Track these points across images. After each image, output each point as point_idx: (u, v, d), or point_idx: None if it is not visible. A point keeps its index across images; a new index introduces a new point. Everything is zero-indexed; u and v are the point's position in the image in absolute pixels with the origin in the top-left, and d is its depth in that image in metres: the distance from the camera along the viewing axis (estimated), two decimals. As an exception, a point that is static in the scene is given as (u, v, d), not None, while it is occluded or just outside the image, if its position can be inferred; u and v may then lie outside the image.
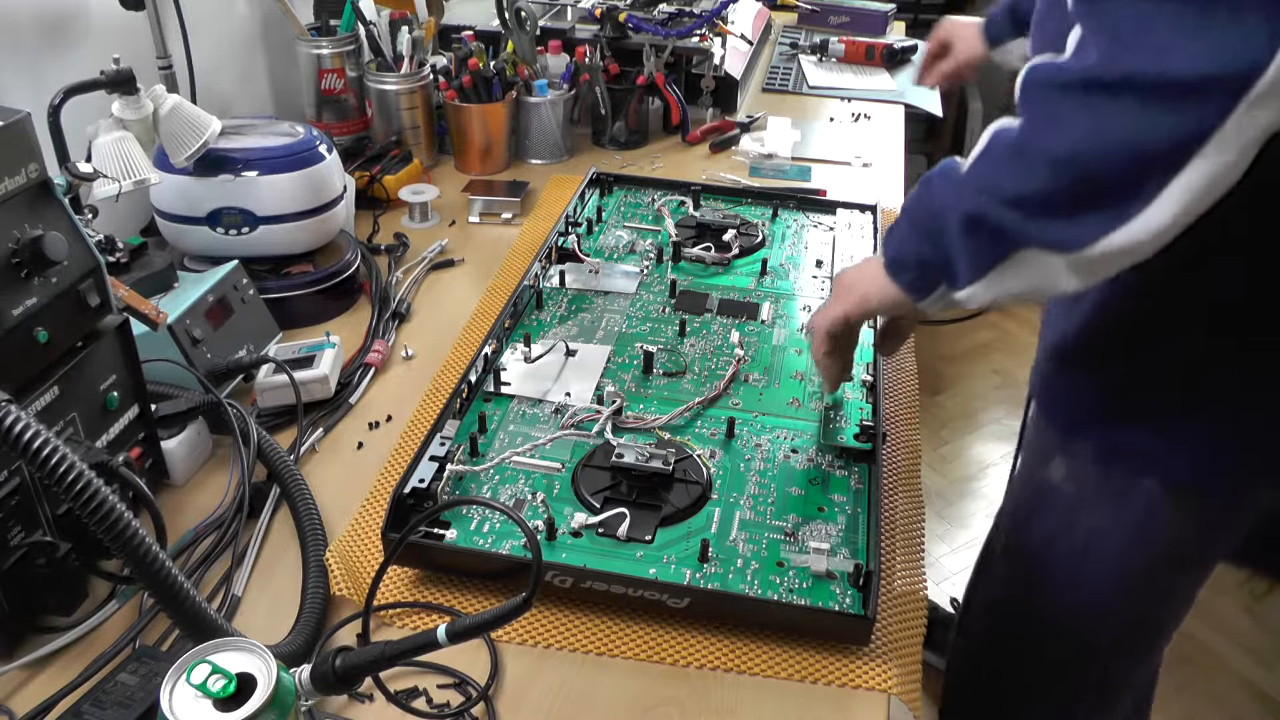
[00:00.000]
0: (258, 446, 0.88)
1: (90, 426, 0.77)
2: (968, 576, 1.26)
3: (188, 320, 0.94)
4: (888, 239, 0.81)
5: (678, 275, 1.18)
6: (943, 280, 0.75)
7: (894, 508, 0.89)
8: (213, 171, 1.07)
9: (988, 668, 1.17)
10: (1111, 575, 0.97)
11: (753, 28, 1.93)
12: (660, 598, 0.75)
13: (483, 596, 0.78)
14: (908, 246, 0.78)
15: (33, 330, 0.70)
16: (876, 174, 1.56)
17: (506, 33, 1.55)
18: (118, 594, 0.76)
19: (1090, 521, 0.96)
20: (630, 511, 0.80)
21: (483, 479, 0.86)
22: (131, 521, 0.56)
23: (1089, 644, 1.05)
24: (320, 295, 1.14)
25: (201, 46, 1.32)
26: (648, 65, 1.60)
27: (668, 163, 1.58)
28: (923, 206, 0.76)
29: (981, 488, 2.34)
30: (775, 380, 1.01)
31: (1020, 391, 2.58)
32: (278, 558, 0.83)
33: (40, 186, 0.72)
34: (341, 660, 0.59)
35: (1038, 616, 1.04)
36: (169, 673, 0.52)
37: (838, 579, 0.77)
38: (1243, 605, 1.99)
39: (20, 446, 0.53)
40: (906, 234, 0.78)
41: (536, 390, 0.97)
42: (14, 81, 1.08)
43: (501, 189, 1.43)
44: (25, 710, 0.68)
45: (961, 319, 1.10)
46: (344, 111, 1.51)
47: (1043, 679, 1.10)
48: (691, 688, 0.72)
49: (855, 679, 0.72)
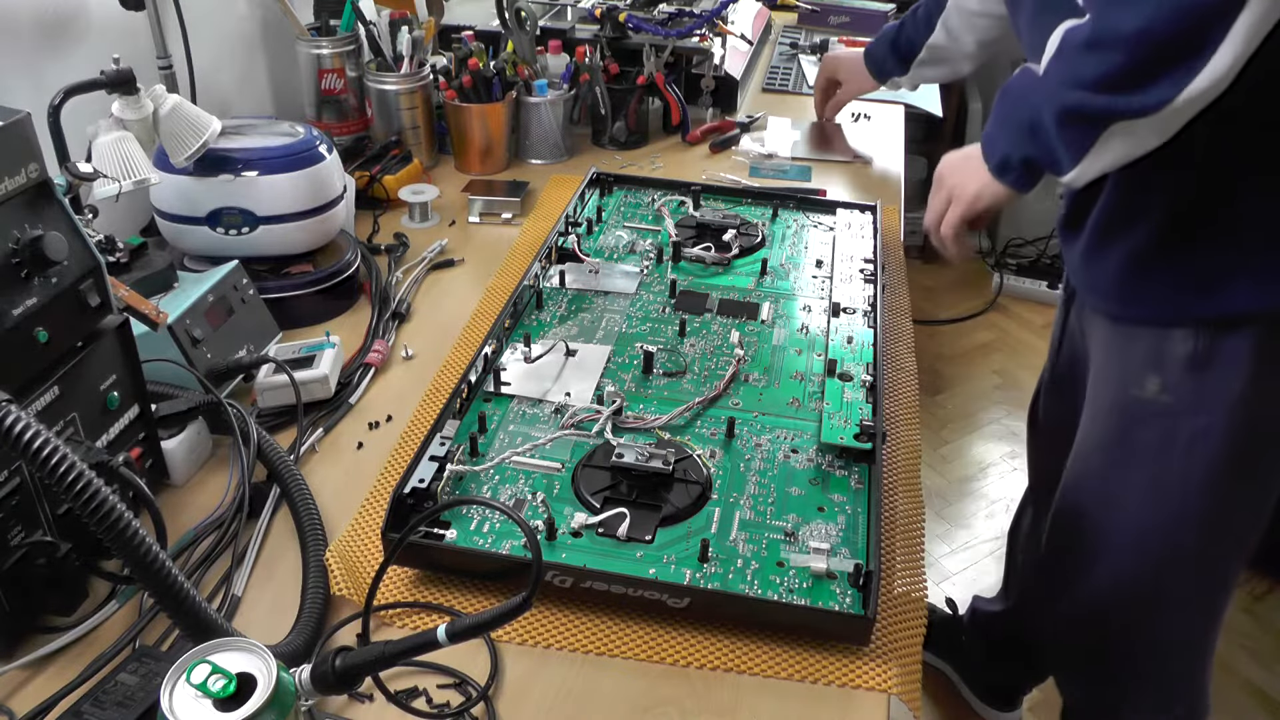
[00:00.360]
0: (258, 446, 0.88)
1: (90, 426, 0.77)
2: (966, 576, 1.26)
3: (188, 320, 0.94)
4: (988, 146, 0.95)
5: (678, 275, 1.18)
6: (1046, 171, 0.89)
7: (894, 508, 0.89)
8: (213, 171, 1.07)
9: (1106, 628, 1.17)
10: (1216, 464, 1.00)
11: (753, 28, 1.93)
12: (660, 598, 0.75)
13: (483, 596, 0.78)
14: (1012, 150, 0.92)
15: (33, 330, 0.70)
16: (877, 174, 1.56)
17: (506, 33, 1.55)
18: (118, 594, 0.76)
19: (1195, 420, 0.99)
20: (630, 511, 0.80)
21: (483, 479, 0.86)
22: (132, 521, 0.56)
23: (1203, 551, 1.07)
24: (320, 295, 1.14)
25: (201, 46, 1.32)
26: (648, 65, 1.60)
27: (668, 163, 1.58)
28: (1015, 111, 0.90)
29: (981, 488, 2.34)
30: (775, 380, 1.01)
31: (1020, 392, 2.60)
32: (278, 558, 0.83)
33: (40, 186, 0.72)
34: (341, 660, 0.59)
35: (1161, 536, 1.06)
36: (169, 673, 0.51)
37: (838, 579, 0.77)
38: (1242, 605, 1.99)
39: (20, 446, 0.53)
40: (1007, 138, 0.92)
41: (536, 390, 0.97)
42: (14, 81, 1.08)
43: (501, 189, 1.43)
44: (25, 710, 0.68)
45: (961, 319, 1.14)
46: (344, 111, 1.51)
47: (1174, 605, 1.12)
48: (691, 688, 0.72)
49: (855, 679, 0.72)
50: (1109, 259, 1.00)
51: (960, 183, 1.00)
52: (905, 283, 1.28)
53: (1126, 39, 0.77)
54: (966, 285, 3.14)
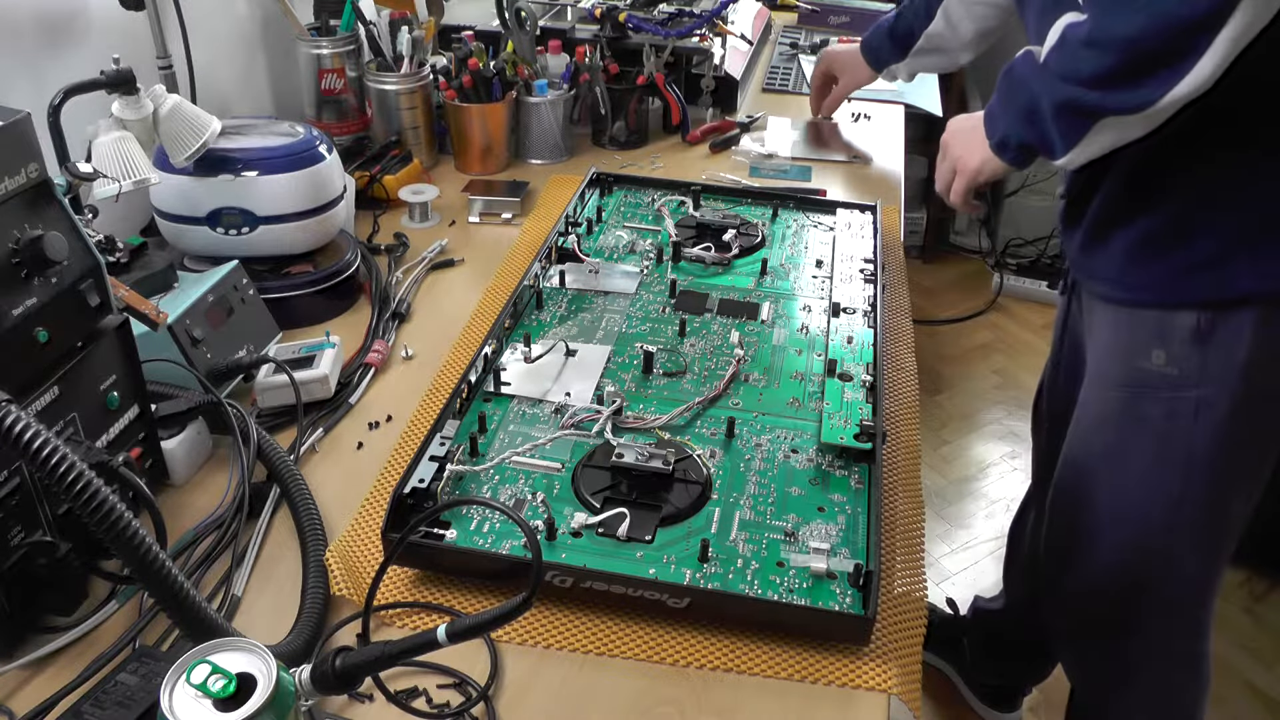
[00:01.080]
0: (258, 446, 0.88)
1: (90, 426, 0.77)
2: (967, 576, 1.26)
3: (188, 320, 0.94)
4: (990, 122, 1.02)
5: (678, 275, 1.18)
6: (1040, 155, 0.97)
7: (894, 508, 0.89)
8: (213, 171, 1.07)
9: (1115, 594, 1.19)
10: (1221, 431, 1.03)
11: (753, 28, 1.93)
12: (660, 598, 0.75)
13: (483, 596, 0.78)
14: (1010, 132, 0.99)
15: (33, 330, 0.70)
16: (876, 174, 1.56)
17: (506, 33, 1.55)
18: (118, 594, 0.76)
19: (1199, 390, 1.02)
20: (630, 511, 0.80)
21: (483, 479, 0.86)
22: (132, 522, 0.56)
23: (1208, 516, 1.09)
24: (320, 295, 1.14)
25: (201, 46, 1.32)
26: (648, 65, 1.60)
27: (668, 163, 1.58)
28: (1016, 95, 0.97)
29: (981, 488, 2.34)
30: (775, 380, 1.01)
31: (1020, 392, 2.60)
32: (278, 558, 0.83)
33: (40, 186, 0.72)
34: (341, 660, 0.59)
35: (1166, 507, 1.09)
36: (169, 673, 0.51)
37: (838, 579, 0.77)
38: (1242, 605, 1.99)
39: (20, 446, 0.53)
40: (1006, 120, 1.00)
41: (536, 390, 0.97)
42: (14, 81, 1.08)
43: (501, 189, 1.43)
44: (25, 710, 0.68)
45: (961, 319, 1.17)
46: (344, 111, 1.51)
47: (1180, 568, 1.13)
48: (691, 688, 0.72)
49: (855, 679, 0.72)
50: (1110, 246, 1.04)
51: (964, 155, 1.08)
52: (905, 283, 1.28)
53: (1119, 43, 0.85)
54: (966, 285, 3.14)
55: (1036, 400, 1.45)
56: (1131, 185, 1.01)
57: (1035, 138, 0.96)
